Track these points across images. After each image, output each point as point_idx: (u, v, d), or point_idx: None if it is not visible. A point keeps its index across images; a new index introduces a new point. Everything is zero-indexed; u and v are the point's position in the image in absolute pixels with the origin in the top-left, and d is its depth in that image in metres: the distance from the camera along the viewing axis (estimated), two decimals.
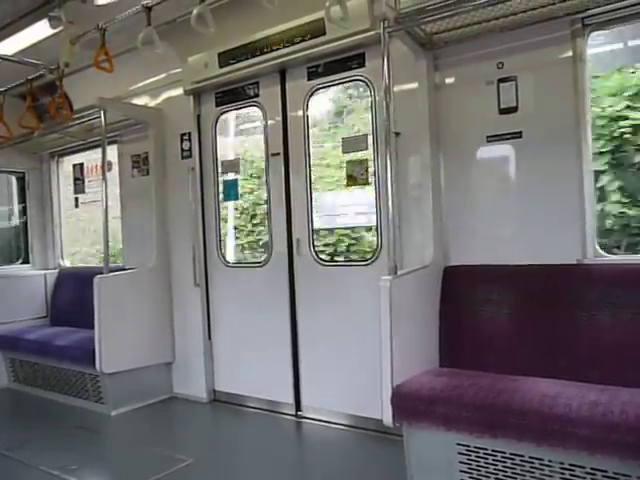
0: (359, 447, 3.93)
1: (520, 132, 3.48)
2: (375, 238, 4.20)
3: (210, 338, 5.11)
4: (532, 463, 2.68)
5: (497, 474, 2.79)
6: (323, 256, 4.63)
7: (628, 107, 3.88)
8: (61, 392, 5.30)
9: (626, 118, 3.88)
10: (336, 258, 5.45)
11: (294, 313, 4.55)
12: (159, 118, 5.26)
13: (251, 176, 5.97)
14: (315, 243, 4.48)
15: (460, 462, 2.90)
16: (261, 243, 5.94)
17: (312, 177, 4.52)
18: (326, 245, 5.49)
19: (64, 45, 4.30)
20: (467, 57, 3.65)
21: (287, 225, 4.57)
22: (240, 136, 6.00)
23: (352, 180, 4.26)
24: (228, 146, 5.58)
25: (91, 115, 5.16)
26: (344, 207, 5.50)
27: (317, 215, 4.73)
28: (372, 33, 3.70)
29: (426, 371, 3.23)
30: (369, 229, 5.27)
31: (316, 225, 4.57)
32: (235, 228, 6.15)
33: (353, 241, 5.70)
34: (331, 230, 5.66)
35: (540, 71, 3.43)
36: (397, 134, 3.76)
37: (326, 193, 5.51)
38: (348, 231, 5.70)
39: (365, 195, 4.57)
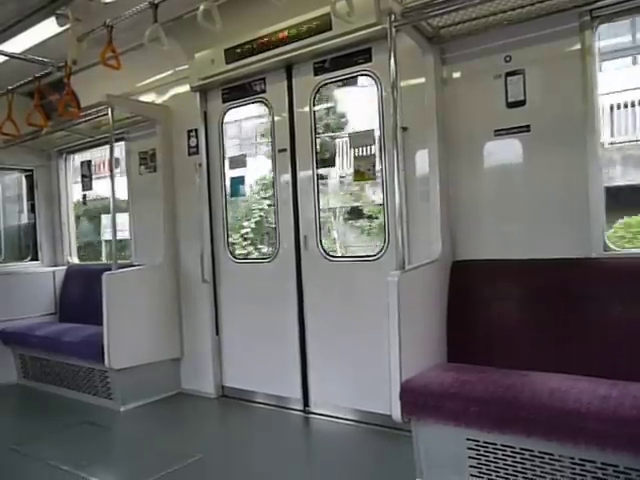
0: (368, 442, 3.93)
1: (528, 126, 3.46)
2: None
3: (218, 334, 5.12)
4: (542, 458, 2.67)
5: (507, 469, 2.78)
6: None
7: None
8: (70, 388, 5.33)
9: None
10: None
11: (302, 308, 4.55)
12: (166, 115, 5.27)
13: None
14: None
15: (469, 457, 2.89)
16: None
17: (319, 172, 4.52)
18: None
19: (71, 43, 4.32)
20: (474, 51, 3.63)
21: (294, 220, 4.57)
22: None
23: (359, 175, 4.25)
24: None
25: (99, 112, 5.18)
26: None
27: None
28: (378, 28, 3.69)
29: (434, 366, 3.22)
30: None
31: None
32: None
33: None
34: None
35: (548, 64, 3.41)
36: (404, 129, 3.75)
37: None
38: None
39: None
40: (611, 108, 8.77)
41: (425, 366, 3.15)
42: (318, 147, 4.52)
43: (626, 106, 8.99)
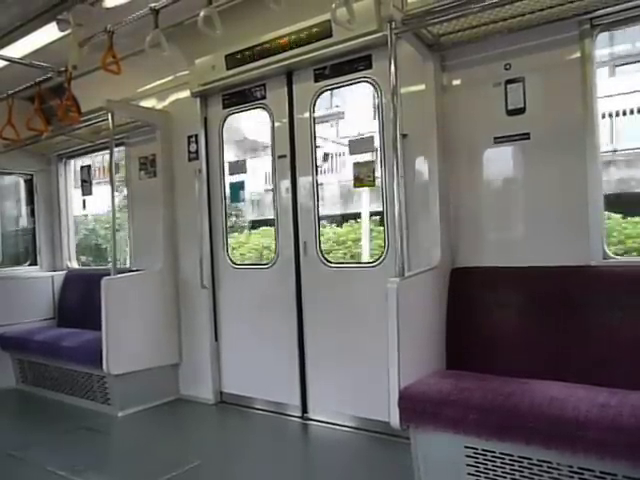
0: (366, 450, 3.91)
1: (528, 133, 3.47)
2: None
3: (217, 340, 5.11)
4: (540, 466, 2.65)
5: (505, 477, 2.77)
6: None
7: None
8: (68, 393, 5.32)
9: None
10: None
11: (301, 314, 4.54)
12: (166, 120, 5.28)
13: None
14: None
15: (468, 465, 2.88)
16: None
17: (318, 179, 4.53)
18: None
19: (72, 48, 4.32)
20: (474, 58, 3.64)
21: (294, 227, 4.57)
22: None
23: (359, 181, 4.25)
24: None
25: (99, 117, 5.19)
26: None
27: None
28: (379, 35, 3.70)
29: (433, 373, 3.21)
30: None
31: None
32: None
33: None
34: None
35: (548, 72, 3.42)
36: (404, 136, 3.75)
37: None
38: None
39: None
40: None
41: (424, 373, 3.14)
42: None
43: None
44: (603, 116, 9.49)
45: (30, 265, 6.60)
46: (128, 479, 3.68)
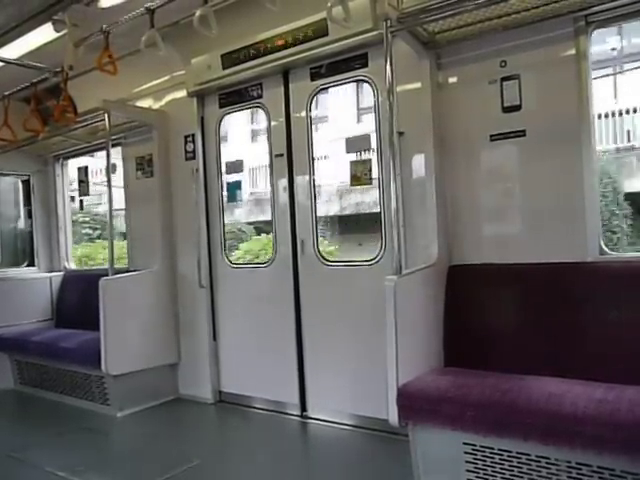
0: (365, 447, 3.92)
1: (524, 130, 3.47)
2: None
3: (215, 339, 5.11)
4: (539, 462, 2.67)
5: (504, 473, 2.78)
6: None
7: None
8: (67, 394, 5.31)
9: None
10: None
11: (299, 313, 4.54)
12: (163, 120, 5.27)
13: None
14: None
15: (467, 461, 2.89)
16: None
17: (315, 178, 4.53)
18: None
19: (68, 48, 4.32)
20: (470, 56, 3.64)
21: (291, 226, 4.57)
22: None
23: (356, 180, 4.25)
24: None
25: (95, 118, 5.18)
26: None
27: None
28: (375, 33, 3.71)
29: (431, 370, 3.22)
30: None
31: None
32: None
33: None
34: None
35: (543, 69, 3.42)
36: (401, 134, 3.76)
37: None
38: None
39: None
40: None
41: (422, 370, 3.15)
42: None
43: None
44: None
45: (28, 266, 6.60)
46: (127, 479, 3.68)
